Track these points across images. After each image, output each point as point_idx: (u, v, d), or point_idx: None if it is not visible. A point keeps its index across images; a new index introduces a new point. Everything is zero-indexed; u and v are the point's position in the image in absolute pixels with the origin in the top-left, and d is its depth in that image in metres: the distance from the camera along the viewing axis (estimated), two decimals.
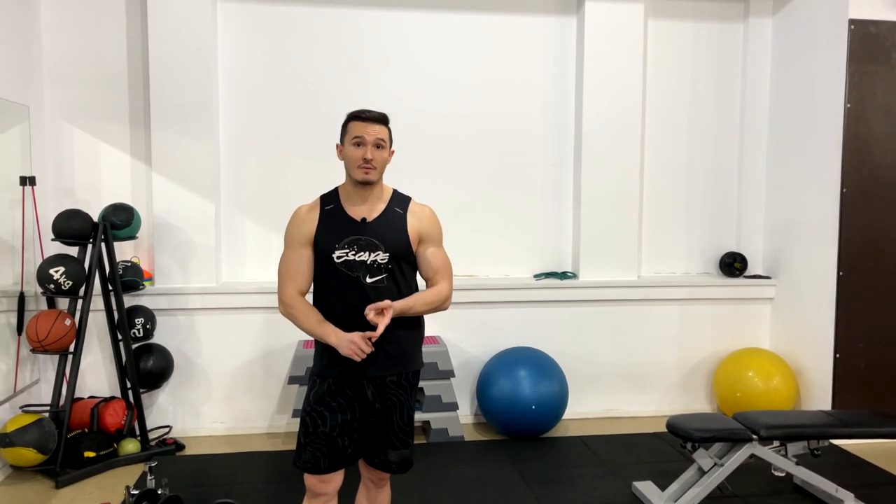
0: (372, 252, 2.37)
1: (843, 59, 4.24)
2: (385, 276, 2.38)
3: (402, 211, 2.46)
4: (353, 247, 2.37)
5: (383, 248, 2.38)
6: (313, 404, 2.41)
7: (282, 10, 4.53)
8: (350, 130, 2.39)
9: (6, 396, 3.82)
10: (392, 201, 2.47)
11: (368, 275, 2.36)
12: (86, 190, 4.41)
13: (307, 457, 2.41)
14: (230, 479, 3.77)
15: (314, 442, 2.39)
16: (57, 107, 4.35)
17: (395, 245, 2.40)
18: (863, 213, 4.30)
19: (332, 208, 2.43)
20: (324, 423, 2.39)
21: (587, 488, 3.67)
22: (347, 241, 2.37)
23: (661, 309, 4.85)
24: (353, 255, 2.36)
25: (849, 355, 4.33)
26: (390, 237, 2.40)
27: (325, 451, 2.39)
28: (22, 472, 3.78)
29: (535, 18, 4.77)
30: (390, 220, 2.43)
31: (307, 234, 2.40)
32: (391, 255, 2.38)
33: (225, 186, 4.55)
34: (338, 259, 2.36)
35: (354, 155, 2.36)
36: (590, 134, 4.71)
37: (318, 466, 2.40)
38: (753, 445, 3.28)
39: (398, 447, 2.49)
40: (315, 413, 2.40)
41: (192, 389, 4.44)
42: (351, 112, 2.42)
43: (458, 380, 4.51)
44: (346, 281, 2.36)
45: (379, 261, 2.37)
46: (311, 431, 2.40)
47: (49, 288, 3.77)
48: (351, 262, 2.36)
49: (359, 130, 2.36)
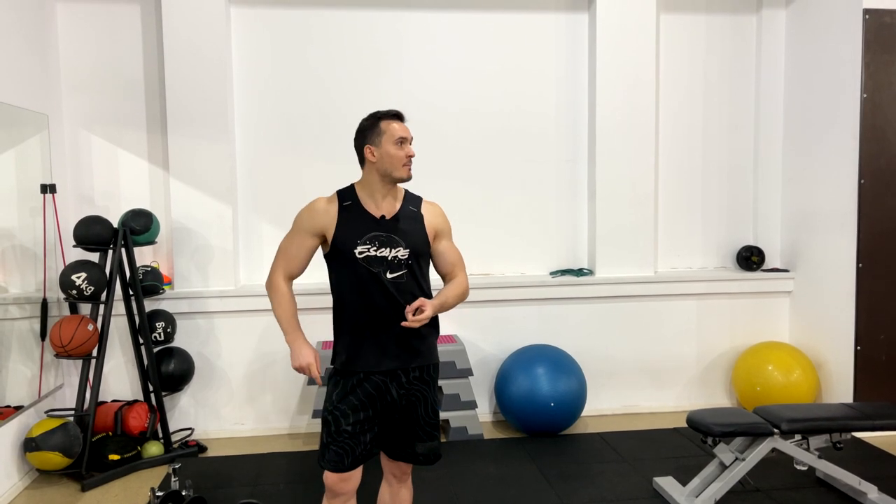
0: (393, 248, 2.42)
1: (859, 49, 4.21)
2: (405, 271, 2.44)
3: (417, 209, 2.53)
4: (375, 243, 2.41)
5: (404, 244, 2.43)
6: (336, 403, 2.43)
7: (295, 14, 4.55)
8: (388, 131, 2.45)
9: (31, 401, 3.88)
10: (406, 200, 2.54)
11: (389, 270, 2.41)
12: (105, 196, 4.46)
13: (331, 455, 2.43)
14: (253, 479, 3.80)
15: (338, 440, 2.41)
16: (75, 115, 4.41)
17: (415, 241, 2.46)
18: (881, 204, 4.26)
19: (350, 204, 2.46)
20: (347, 422, 2.41)
21: (608, 484, 3.67)
22: (369, 236, 2.41)
23: (678, 304, 4.83)
24: (375, 251, 2.40)
25: (870, 347, 4.30)
26: (410, 233, 2.46)
27: (349, 448, 2.42)
28: (48, 476, 3.83)
29: (547, 15, 4.77)
30: (408, 217, 2.49)
31: (321, 226, 2.45)
32: (411, 251, 2.44)
33: (242, 190, 4.59)
34: (360, 255, 2.40)
35: (399, 154, 2.43)
36: (604, 130, 4.70)
37: (341, 464, 2.43)
38: (775, 439, 3.26)
39: (424, 440, 2.53)
40: (338, 412, 2.42)
41: (212, 392, 4.49)
42: (380, 112, 2.49)
43: (476, 378, 4.52)
44: (367, 276, 2.40)
45: (399, 257, 2.42)
46: (335, 430, 2.42)
47: (71, 294, 3.82)
48: (372, 257, 2.40)
49: (400, 131, 2.45)
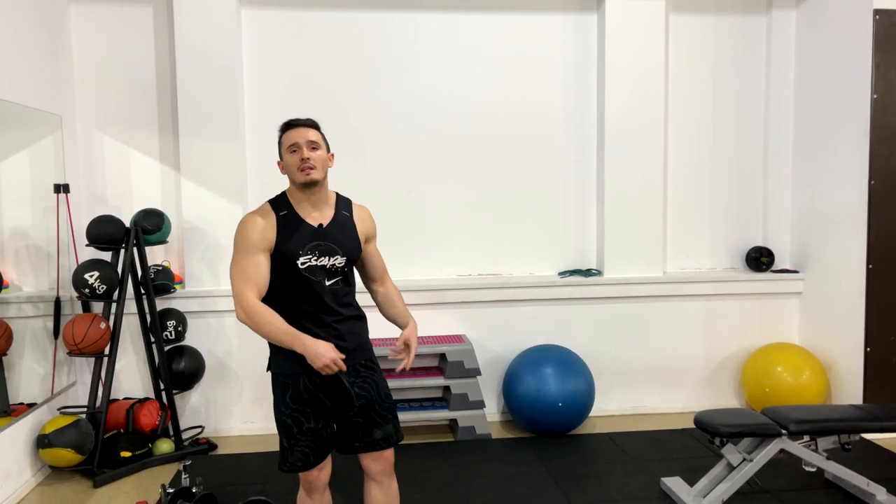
0: (331, 256, 2.46)
1: (869, 50, 4.19)
2: (340, 277, 2.49)
3: (349, 214, 2.56)
4: (315, 252, 2.44)
5: (341, 252, 2.47)
6: (293, 406, 2.44)
7: (305, 15, 4.58)
8: (283, 141, 2.48)
9: (44, 399, 3.92)
10: (338, 205, 2.56)
11: (327, 278, 2.46)
12: (117, 196, 4.51)
13: (295, 457, 2.47)
14: (262, 477, 3.83)
15: (300, 441, 2.45)
16: (88, 116, 4.45)
17: (350, 249, 2.51)
18: (892, 205, 4.24)
19: (286, 214, 2.45)
20: (308, 420, 2.45)
21: (615, 484, 3.67)
22: (310, 246, 2.43)
23: (687, 305, 4.82)
24: (316, 261, 2.43)
25: (880, 349, 4.28)
26: (346, 241, 2.50)
27: (313, 445, 2.46)
28: (61, 473, 3.88)
29: (556, 17, 4.78)
30: (342, 224, 2.52)
31: (267, 240, 2.41)
32: (347, 259, 2.49)
33: (252, 190, 4.61)
34: (302, 265, 2.41)
35: (293, 160, 2.43)
36: (612, 130, 4.70)
37: (308, 462, 2.47)
38: (783, 440, 3.25)
39: (381, 423, 2.54)
40: (298, 413, 2.45)
41: (223, 390, 4.52)
42: (281, 125, 2.52)
43: (484, 378, 4.53)
44: (309, 286, 2.43)
45: (337, 264, 2.47)
46: (297, 431, 2.45)
47: (84, 292, 3.86)
48: (314, 266, 2.43)
49: (291, 138, 2.44)
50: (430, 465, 3.90)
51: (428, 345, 4.38)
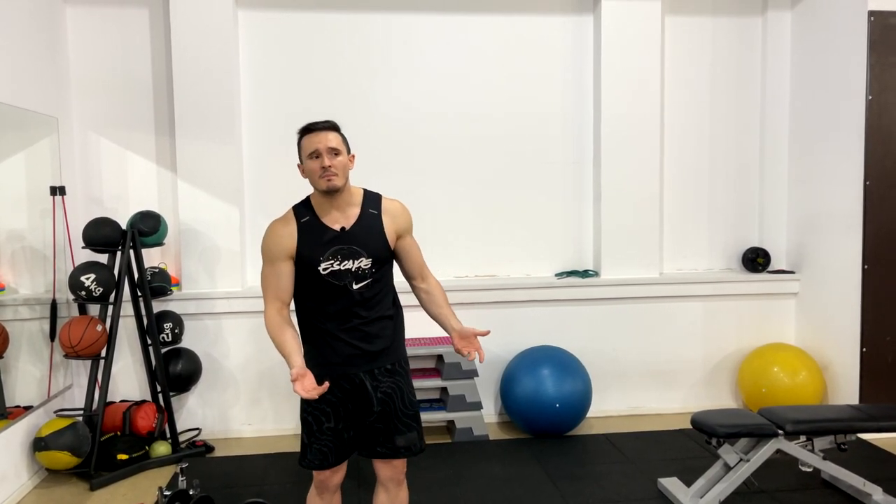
0: (355, 259, 2.41)
1: (864, 51, 4.21)
2: (370, 280, 2.44)
3: (377, 211, 2.49)
4: (337, 256, 2.40)
5: (366, 253, 2.42)
6: (314, 403, 2.44)
7: (302, 17, 4.58)
8: (304, 146, 2.42)
9: (41, 401, 3.91)
10: (365, 203, 2.49)
11: (355, 281, 2.41)
12: (114, 198, 4.50)
13: (313, 454, 2.46)
14: (260, 479, 3.83)
15: (320, 439, 2.45)
16: (84, 118, 4.45)
17: (376, 249, 2.44)
18: (887, 206, 4.26)
19: (308, 220, 2.43)
20: (328, 420, 2.45)
21: (613, 485, 3.68)
22: (331, 251, 2.40)
23: (684, 306, 4.83)
24: (339, 265, 2.40)
25: (876, 349, 4.29)
26: (371, 242, 2.44)
27: (332, 445, 2.46)
28: (57, 475, 3.87)
29: (553, 18, 4.78)
30: (368, 224, 2.46)
31: (288, 248, 2.41)
32: (374, 260, 2.43)
33: (249, 192, 4.62)
34: (324, 271, 2.39)
35: (314, 167, 2.38)
36: (609, 132, 4.71)
37: (325, 461, 2.47)
38: (779, 440, 3.26)
39: (404, 431, 2.52)
40: (318, 411, 2.45)
41: (220, 392, 4.52)
42: (300, 128, 2.46)
43: (481, 379, 4.53)
44: (334, 290, 2.41)
45: (363, 266, 2.42)
46: (316, 429, 2.45)
47: (80, 295, 3.85)
48: (337, 271, 2.40)
49: (312, 143, 2.39)
50: (427, 467, 3.90)
51: (425, 346, 4.39)
